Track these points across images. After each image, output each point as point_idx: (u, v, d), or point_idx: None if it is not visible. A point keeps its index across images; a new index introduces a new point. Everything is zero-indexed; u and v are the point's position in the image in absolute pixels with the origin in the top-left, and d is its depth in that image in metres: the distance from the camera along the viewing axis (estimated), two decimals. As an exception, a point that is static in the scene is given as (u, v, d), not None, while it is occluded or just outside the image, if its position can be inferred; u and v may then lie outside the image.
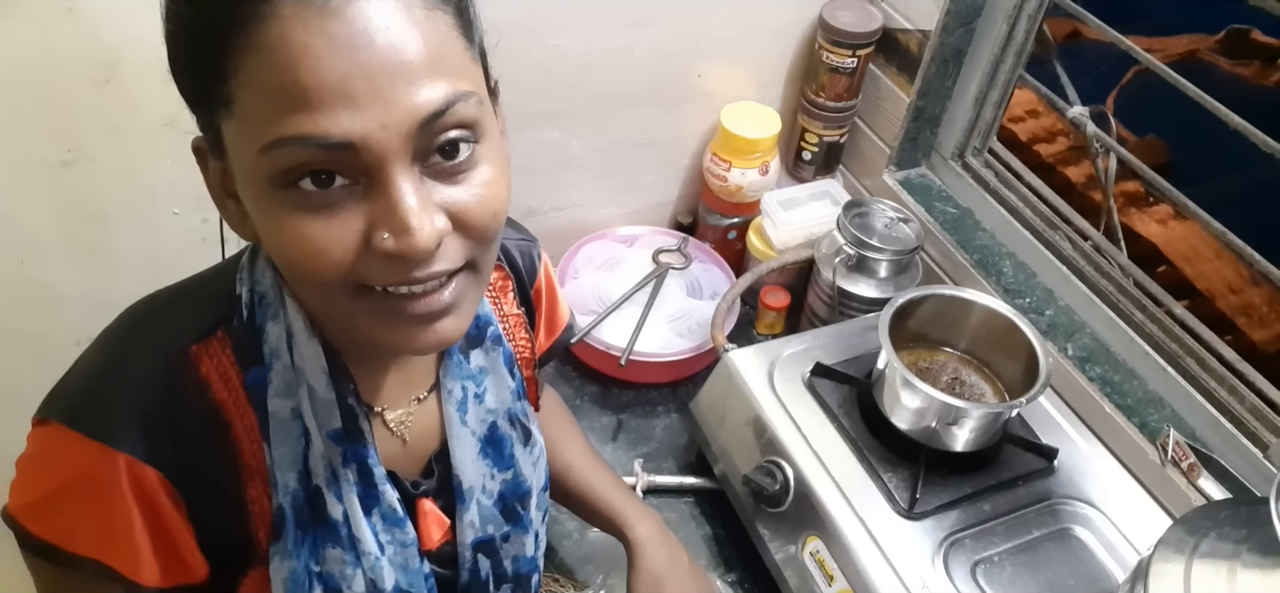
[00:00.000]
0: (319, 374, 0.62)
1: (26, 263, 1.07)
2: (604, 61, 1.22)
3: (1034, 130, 1.92)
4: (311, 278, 0.52)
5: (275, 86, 0.47)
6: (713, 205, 1.37)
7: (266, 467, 0.62)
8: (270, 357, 0.62)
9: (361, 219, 0.51)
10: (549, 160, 1.29)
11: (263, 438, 0.62)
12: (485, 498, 0.74)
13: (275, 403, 0.62)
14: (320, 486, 0.63)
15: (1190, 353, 1.02)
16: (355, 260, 0.52)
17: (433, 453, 0.72)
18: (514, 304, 0.80)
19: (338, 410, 0.63)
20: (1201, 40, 2.35)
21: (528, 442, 0.77)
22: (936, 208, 1.26)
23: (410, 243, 0.50)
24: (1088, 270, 1.12)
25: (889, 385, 0.95)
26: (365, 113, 0.48)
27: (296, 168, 0.49)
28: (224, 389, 0.62)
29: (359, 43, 0.47)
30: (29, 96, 0.96)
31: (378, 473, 0.66)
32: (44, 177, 1.01)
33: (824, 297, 1.21)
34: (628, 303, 1.28)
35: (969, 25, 1.18)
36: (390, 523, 0.67)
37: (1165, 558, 0.71)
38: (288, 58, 0.46)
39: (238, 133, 0.50)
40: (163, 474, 0.59)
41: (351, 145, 0.48)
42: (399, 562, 0.68)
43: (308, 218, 0.50)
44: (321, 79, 0.47)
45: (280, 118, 0.47)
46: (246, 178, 0.52)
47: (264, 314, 0.62)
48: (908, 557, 0.88)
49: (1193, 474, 0.93)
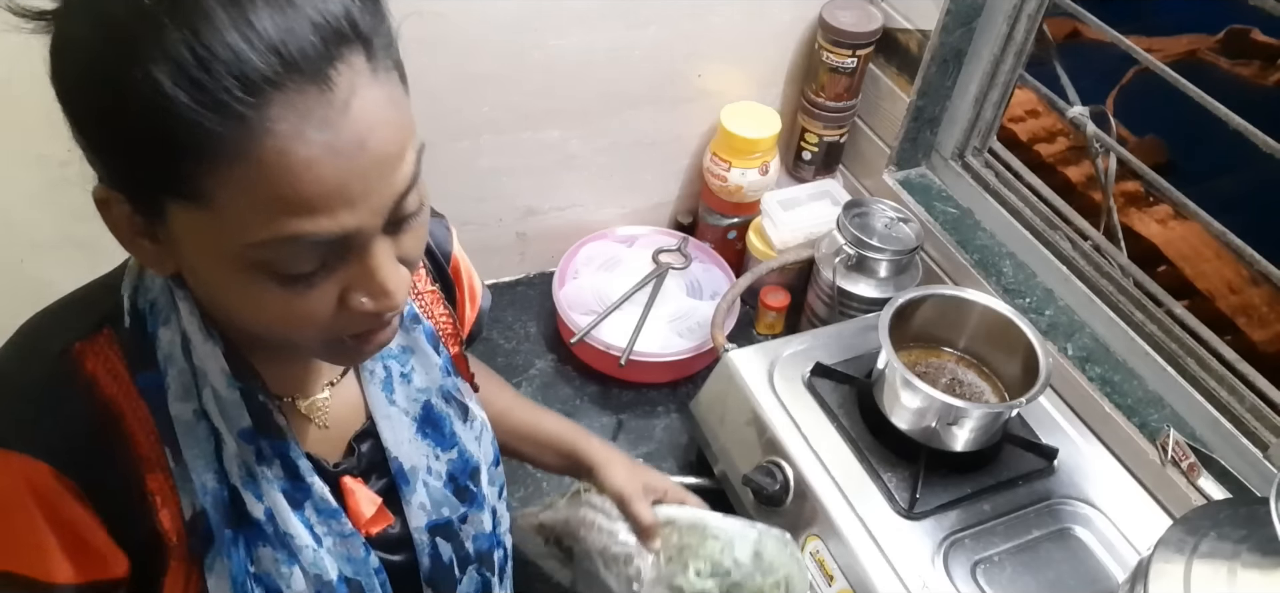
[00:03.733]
0: (219, 375, 0.61)
1: (26, 263, 1.07)
2: (604, 61, 1.22)
3: (1034, 130, 1.92)
4: (289, 340, 0.55)
5: (273, 197, 0.47)
6: (713, 205, 1.37)
7: (165, 460, 0.61)
8: (165, 362, 0.61)
9: (336, 285, 0.53)
10: (549, 160, 1.29)
11: (163, 441, 0.61)
12: (433, 479, 0.73)
13: (177, 407, 0.61)
14: (237, 485, 0.62)
15: (1190, 353, 1.02)
16: (332, 319, 0.54)
17: (353, 433, 0.71)
18: (428, 282, 0.80)
19: (246, 409, 0.62)
20: (1201, 40, 2.36)
21: (466, 417, 0.77)
22: (936, 208, 1.26)
23: (389, 304, 0.53)
24: (1088, 270, 1.12)
25: (889, 385, 0.95)
26: (360, 207, 0.50)
27: (288, 260, 0.50)
28: (113, 384, 0.60)
29: (354, 149, 0.48)
30: (29, 96, 0.96)
31: (303, 466, 0.65)
32: (44, 176, 1.01)
33: (824, 297, 1.21)
34: (628, 303, 1.28)
35: (969, 25, 1.18)
36: (324, 515, 0.66)
37: (1165, 558, 0.71)
38: (288, 172, 0.47)
39: (210, 224, 0.49)
40: (56, 468, 0.57)
41: (345, 238, 0.50)
42: (341, 553, 0.66)
43: (288, 294, 0.52)
44: (322, 188, 0.48)
45: (276, 221, 0.48)
46: (213, 256, 0.51)
47: (154, 321, 0.61)
48: (908, 557, 0.88)
49: (1193, 474, 0.93)
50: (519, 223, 1.35)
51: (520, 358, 1.29)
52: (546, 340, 1.31)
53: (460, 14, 1.11)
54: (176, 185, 0.48)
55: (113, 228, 0.55)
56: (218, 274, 0.53)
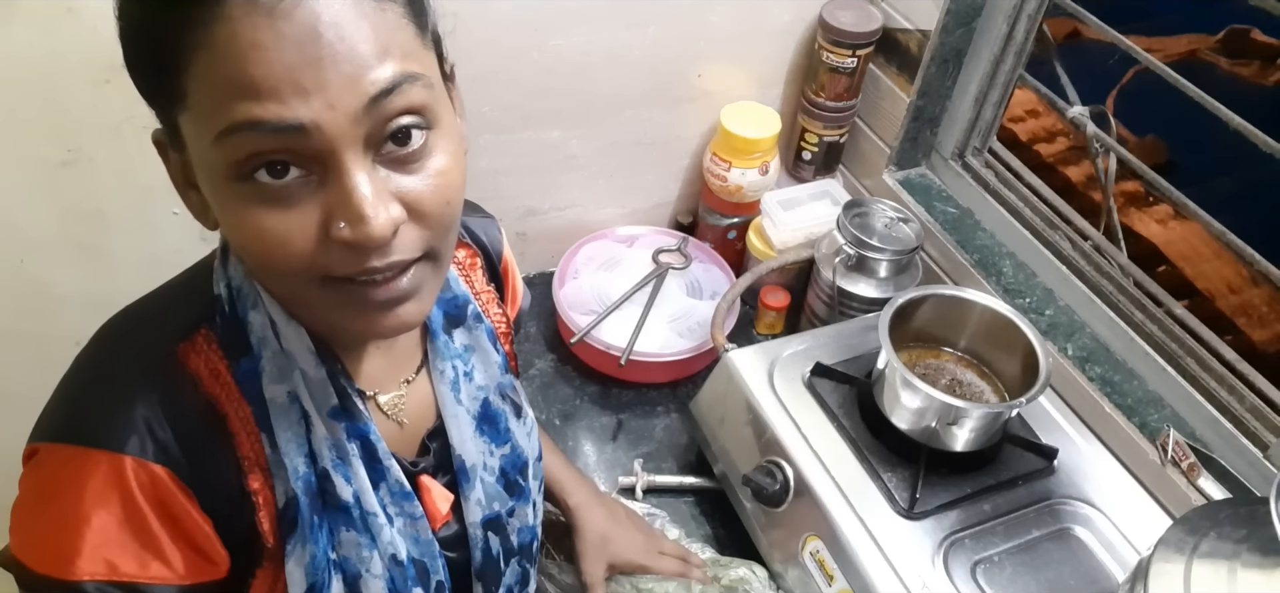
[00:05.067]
0: (307, 355, 0.62)
1: (26, 263, 1.07)
2: (604, 61, 1.22)
3: (1034, 130, 1.93)
4: (273, 269, 0.54)
5: (224, 78, 0.48)
6: (713, 205, 1.37)
7: (265, 458, 0.62)
8: (258, 345, 0.62)
9: (318, 210, 0.52)
10: (549, 160, 1.29)
11: (260, 428, 0.62)
12: (488, 475, 0.75)
13: (272, 389, 0.62)
14: (327, 467, 0.63)
15: (1190, 353, 1.02)
16: (315, 250, 0.53)
17: (426, 432, 0.73)
18: (484, 280, 0.81)
19: (332, 389, 0.63)
20: (1201, 40, 2.36)
21: (520, 414, 0.78)
22: (936, 208, 1.26)
23: (366, 231, 0.51)
24: (1088, 270, 1.12)
25: (889, 385, 0.95)
26: (313, 98, 0.49)
27: (251, 157, 0.50)
28: (215, 383, 0.62)
29: (306, 38, 0.48)
30: (29, 96, 0.96)
31: (381, 449, 0.66)
32: (44, 176, 1.01)
33: (824, 297, 1.21)
34: (628, 303, 1.28)
35: (969, 25, 1.18)
36: (398, 498, 0.67)
37: (1165, 558, 0.71)
38: (237, 53, 0.47)
39: (193, 125, 0.51)
40: (171, 470, 0.58)
41: (301, 127, 0.49)
42: (411, 534, 0.68)
43: (265, 211, 0.51)
44: (270, 70, 0.48)
45: (230, 106, 0.48)
46: (205, 170, 0.53)
47: (244, 306, 0.62)
48: (908, 557, 0.88)
49: (1193, 474, 0.93)
50: (519, 223, 1.35)
51: (520, 358, 1.29)
52: (546, 340, 1.31)
53: (460, 14, 1.11)
54: (170, 88, 0.50)
55: (171, 177, 0.58)
56: (214, 197, 0.54)
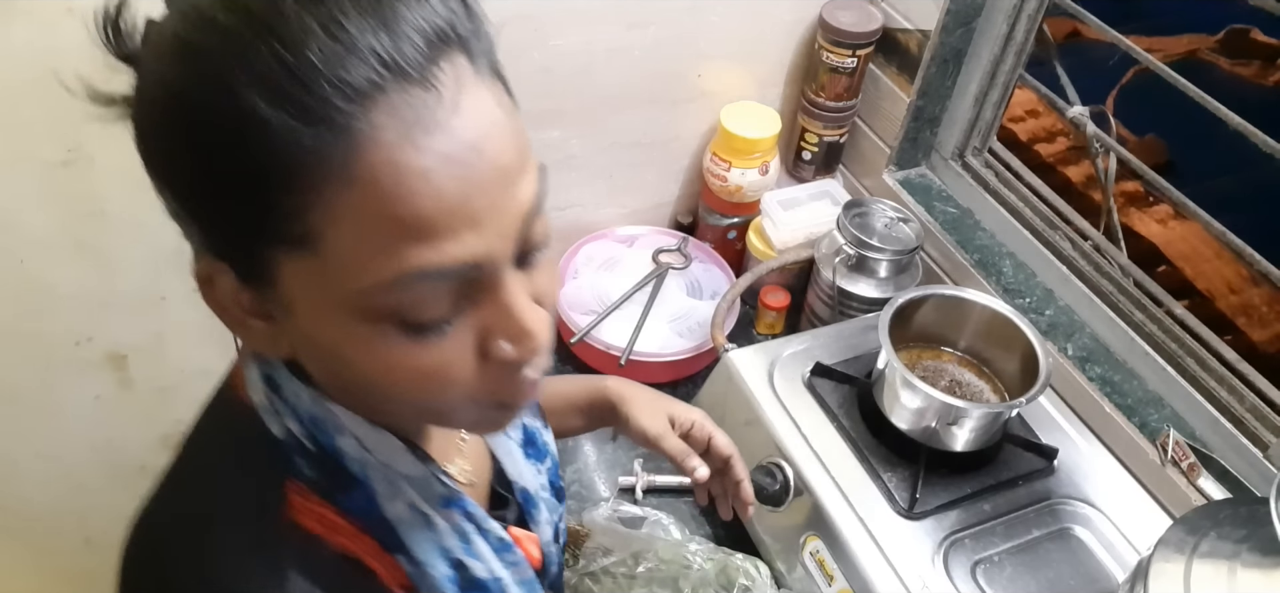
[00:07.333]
0: (406, 459, 0.57)
1: (26, 263, 1.07)
2: (604, 61, 1.22)
3: (1034, 130, 1.93)
4: (426, 406, 0.49)
5: (388, 220, 0.41)
6: (713, 205, 1.37)
7: (407, 576, 0.57)
8: (362, 470, 0.55)
9: (472, 333, 0.47)
10: (549, 160, 1.27)
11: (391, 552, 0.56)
12: (544, 493, 0.74)
13: (392, 508, 0.56)
14: (459, 558, 0.59)
15: (1190, 353, 1.02)
16: (475, 377, 0.48)
17: (490, 481, 0.71)
18: None
19: (435, 481, 0.59)
20: (1201, 40, 2.36)
21: (544, 421, 0.78)
22: (936, 208, 1.26)
23: (531, 346, 0.47)
24: (1088, 270, 1.12)
25: (889, 385, 0.95)
26: (486, 228, 0.44)
27: (415, 303, 0.44)
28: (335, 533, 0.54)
29: (470, 157, 0.42)
30: (29, 96, 0.96)
31: (478, 513, 0.62)
32: (44, 176, 1.01)
33: (824, 297, 1.21)
34: (628, 303, 1.28)
35: (969, 25, 1.18)
36: (500, 552, 0.63)
37: (1165, 558, 0.71)
38: (402, 187, 0.41)
39: (323, 273, 0.43)
40: None
41: (479, 266, 0.44)
42: (521, 582, 0.65)
43: (419, 346, 0.46)
44: (444, 205, 0.42)
45: (398, 251, 0.42)
46: (328, 312, 0.45)
47: (328, 436, 0.54)
48: (908, 557, 0.88)
49: (1193, 474, 0.93)
50: (519, 223, 1.35)
51: (520, 358, 1.29)
52: (546, 340, 1.31)
53: (460, 14, 1.11)
54: (282, 229, 0.42)
55: (218, 310, 0.49)
56: (340, 338, 0.46)
